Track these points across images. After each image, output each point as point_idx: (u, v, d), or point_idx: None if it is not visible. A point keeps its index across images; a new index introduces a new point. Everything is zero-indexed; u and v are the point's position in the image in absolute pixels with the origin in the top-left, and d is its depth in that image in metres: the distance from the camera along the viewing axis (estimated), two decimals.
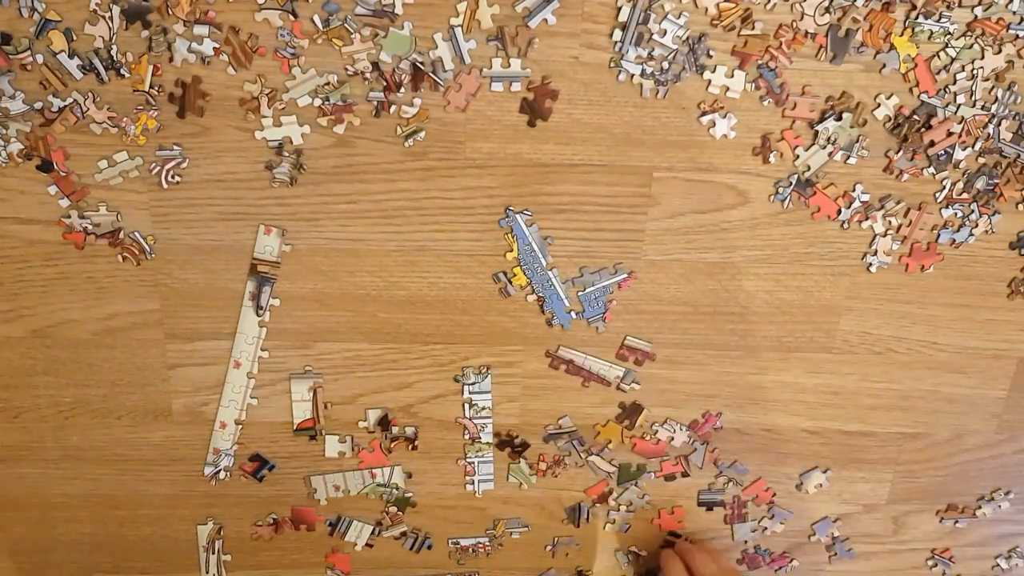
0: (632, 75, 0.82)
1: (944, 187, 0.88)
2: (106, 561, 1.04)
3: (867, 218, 0.89)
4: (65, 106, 0.81)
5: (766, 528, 1.05)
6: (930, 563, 1.11)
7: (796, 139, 0.85)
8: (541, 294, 0.92)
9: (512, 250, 0.90)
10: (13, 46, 0.78)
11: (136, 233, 0.86)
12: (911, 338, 0.96)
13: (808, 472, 1.03)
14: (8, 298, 0.89)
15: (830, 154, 0.86)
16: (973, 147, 0.86)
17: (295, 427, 0.96)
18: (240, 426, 0.96)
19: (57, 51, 0.78)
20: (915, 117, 0.84)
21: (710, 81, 0.83)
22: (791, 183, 0.87)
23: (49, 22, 0.77)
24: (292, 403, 0.95)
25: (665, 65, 0.82)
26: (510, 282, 0.91)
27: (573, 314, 0.93)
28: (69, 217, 0.85)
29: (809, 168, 0.87)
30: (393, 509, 1.02)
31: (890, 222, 0.89)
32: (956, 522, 1.07)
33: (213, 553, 1.04)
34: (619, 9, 0.80)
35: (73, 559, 1.03)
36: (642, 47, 0.81)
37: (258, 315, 0.91)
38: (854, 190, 0.88)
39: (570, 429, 0.97)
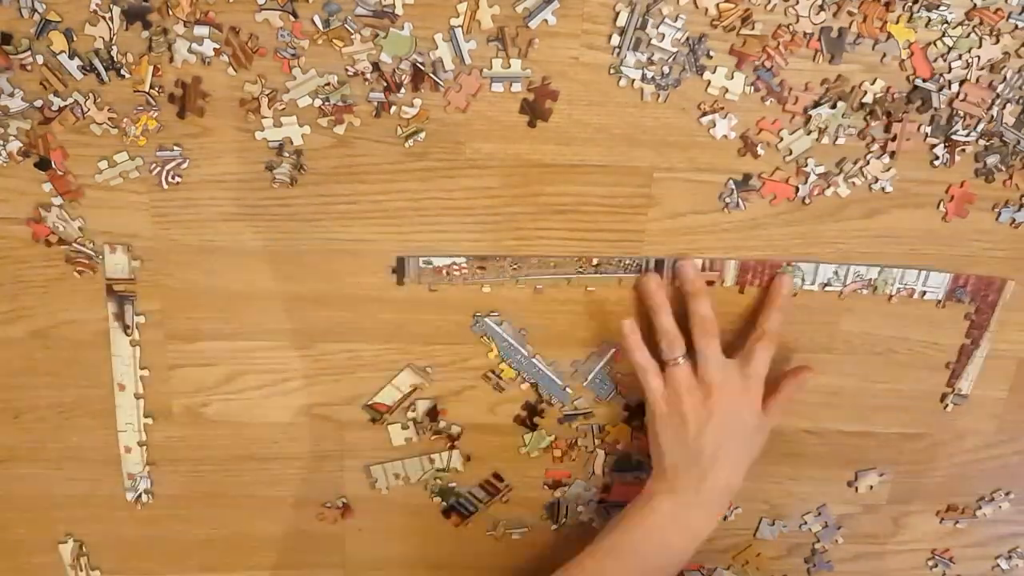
0: (632, 80, 0.82)
1: (938, 156, 0.86)
2: (107, 561, 1.04)
3: (829, 186, 0.87)
4: (65, 106, 0.80)
5: (804, 524, 1.06)
6: (930, 563, 1.11)
7: (773, 123, 0.84)
8: (532, 380, 0.94)
9: (492, 350, 0.92)
10: (13, 46, 0.78)
11: (90, 244, 0.86)
12: (911, 338, 0.96)
13: (865, 472, 1.03)
14: (8, 298, 0.89)
15: (816, 139, 0.85)
16: (976, 128, 0.85)
17: (369, 402, 0.95)
18: (144, 447, 0.96)
19: (57, 51, 0.78)
20: (908, 100, 0.83)
21: (709, 82, 0.83)
22: (732, 189, 0.86)
23: (49, 22, 0.77)
24: (387, 384, 0.95)
25: (666, 70, 0.82)
26: (500, 377, 0.94)
27: (568, 389, 0.95)
28: (48, 211, 0.84)
29: (791, 152, 0.86)
30: (438, 499, 1.02)
31: (854, 183, 0.87)
32: (956, 522, 1.07)
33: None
34: (617, 14, 0.79)
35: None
36: (640, 52, 0.81)
37: (127, 335, 0.90)
38: (806, 165, 0.86)
39: (585, 411, 0.97)
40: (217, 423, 0.96)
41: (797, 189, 0.87)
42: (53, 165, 0.83)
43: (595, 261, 0.88)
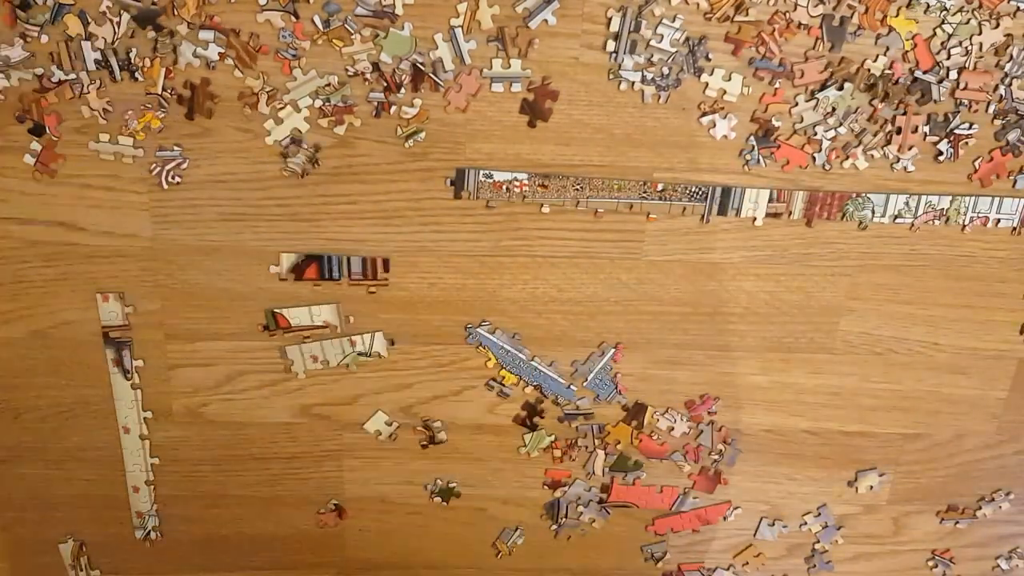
0: (632, 83, 0.82)
1: (942, 151, 0.86)
2: (107, 561, 1.04)
3: (847, 157, 0.87)
4: (66, 80, 0.79)
5: (804, 524, 1.06)
6: (930, 564, 1.11)
7: (774, 97, 0.84)
8: (535, 383, 0.94)
9: (490, 359, 0.93)
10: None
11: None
12: (911, 338, 0.96)
13: (865, 472, 1.03)
14: (8, 298, 0.89)
15: (825, 117, 0.84)
16: (986, 110, 0.84)
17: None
18: (152, 486, 0.97)
19: (73, 35, 0.77)
20: (908, 91, 0.83)
21: (707, 84, 0.83)
22: (753, 146, 0.85)
23: (64, 6, 0.76)
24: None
25: (665, 71, 0.82)
26: (502, 384, 0.94)
27: (572, 387, 0.95)
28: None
29: (802, 120, 0.85)
30: (437, 499, 1.02)
31: (872, 156, 0.87)
32: (956, 523, 1.07)
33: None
34: (609, 20, 0.79)
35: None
36: (638, 54, 0.81)
37: (127, 379, 0.91)
38: (815, 134, 0.85)
39: (585, 411, 0.97)
40: (217, 423, 0.96)
41: (814, 158, 0.86)
42: (48, 131, 0.81)
43: (660, 187, 0.84)
